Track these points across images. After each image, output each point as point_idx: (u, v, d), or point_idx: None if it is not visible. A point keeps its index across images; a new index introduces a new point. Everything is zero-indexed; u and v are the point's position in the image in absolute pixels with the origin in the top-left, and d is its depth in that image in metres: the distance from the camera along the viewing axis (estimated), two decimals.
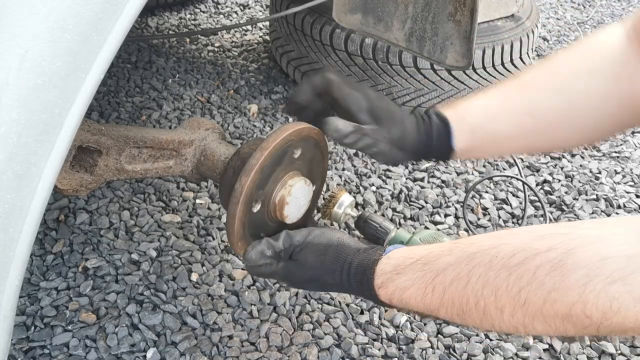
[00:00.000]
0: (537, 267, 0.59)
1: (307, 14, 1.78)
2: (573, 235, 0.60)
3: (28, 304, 1.17)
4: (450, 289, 0.67)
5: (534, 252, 0.60)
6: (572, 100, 0.90)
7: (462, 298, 0.65)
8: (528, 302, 0.59)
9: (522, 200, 1.52)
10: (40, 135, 0.54)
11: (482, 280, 0.63)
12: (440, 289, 0.68)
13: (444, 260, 0.69)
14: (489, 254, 0.64)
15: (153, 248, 1.31)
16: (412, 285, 0.71)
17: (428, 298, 0.70)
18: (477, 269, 0.64)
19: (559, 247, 0.59)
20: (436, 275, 0.69)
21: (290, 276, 0.84)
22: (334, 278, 0.81)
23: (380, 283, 0.76)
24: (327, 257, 0.81)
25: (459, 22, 1.13)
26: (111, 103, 1.84)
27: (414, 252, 0.75)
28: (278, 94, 1.97)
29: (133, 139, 0.98)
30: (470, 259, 0.66)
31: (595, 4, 2.99)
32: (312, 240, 0.84)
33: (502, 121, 0.92)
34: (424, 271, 0.71)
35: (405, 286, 0.72)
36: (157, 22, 2.43)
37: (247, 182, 0.85)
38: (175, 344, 1.12)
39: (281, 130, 0.89)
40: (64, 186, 0.91)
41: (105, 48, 0.57)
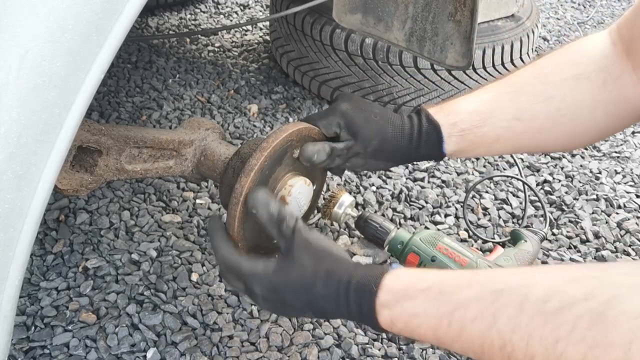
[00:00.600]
0: (577, 318, 0.55)
1: (307, 14, 1.78)
2: (608, 281, 0.57)
3: (28, 304, 1.17)
4: (472, 327, 0.62)
5: (570, 299, 0.57)
6: (560, 106, 0.91)
7: (485, 339, 0.61)
8: (565, 355, 0.56)
9: (522, 200, 1.52)
10: (40, 135, 0.54)
11: (512, 323, 0.59)
12: (459, 325, 0.63)
13: (464, 293, 0.64)
14: (519, 294, 0.60)
15: (153, 248, 1.31)
16: (425, 313, 0.66)
17: (442, 331, 0.65)
18: (505, 310, 0.60)
19: (596, 295, 0.55)
20: (455, 308, 0.64)
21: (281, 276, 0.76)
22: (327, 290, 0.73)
23: (385, 301, 0.69)
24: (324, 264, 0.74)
25: (459, 22, 1.13)
26: (111, 103, 1.84)
27: (426, 277, 0.70)
28: (278, 94, 1.97)
29: (133, 139, 0.98)
30: (496, 297, 0.61)
31: (595, 4, 2.99)
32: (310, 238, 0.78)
33: (491, 125, 0.92)
34: (439, 301, 0.66)
35: (415, 312, 0.67)
36: (157, 22, 2.43)
37: (247, 182, 0.85)
38: (176, 344, 1.12)
39: (281, 131, 0.90)
40: (64, 186, 0.92)
41: (105, 48, 0.57)
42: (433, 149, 0.93)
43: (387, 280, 0.70)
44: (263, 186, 0.86)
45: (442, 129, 0.92)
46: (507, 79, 0.96)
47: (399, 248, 1.25)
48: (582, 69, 0.91)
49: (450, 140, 0.92)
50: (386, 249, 1.29)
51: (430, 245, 1.22)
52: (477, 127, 0.92)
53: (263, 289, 0.77)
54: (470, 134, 0.93)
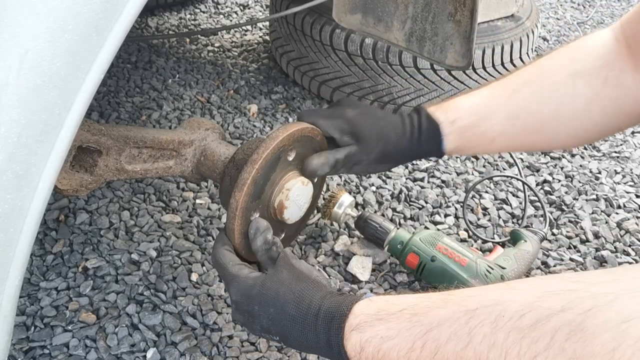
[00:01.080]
0: (554, 330, 0.54)
1: (307, 14, 1.78)
2: (585, 292, 0.55)
3: (28, 304, 1.17)
4: (446, 348, 0.60)
5: (547, 312, 0.55)
6: (558, 105, 0.91)
7: (461, 359, 0.59)
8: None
9: (522, 200, 1.52)
10: (40, 136, 0.54)
11: (488, 341, 0.57)
12: (433, 345, 0.61)
13: (437, 313, 0.63)
14: (493, 311, 0.59)
15: (153, 248, 1.31)
16: (397, 336, 0.64)
17: (415, 354, 0.62)
18: (481, 328, 0.59)
19: (573, 306, 0.54)
20: (428, 330, 0.62)
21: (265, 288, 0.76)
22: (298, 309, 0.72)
23: (355, 324, 0.67)
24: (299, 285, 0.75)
25: (459, 22, 1.13)
26: (111, 103, 1.84)
27: (399, 300, 0.68)
28: (278, 94, 1.97)
29: (133, 139, 0.98)
30: (470, 316, 0.60)
31: (595, 4, 2.99)
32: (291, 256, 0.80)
33: (490, 124, 0.93)
34: (412, 322, 0.64)
35: (387, 335, 0.64)
36: (157, 22, 2.43)
37: (241, 196, 0.86)
38: (175, 344, 1.12)
39: (271, 139, 0.89)
40: (64, 186, 0.92)
41: (105, 48, 0.57)
42: (433, 147, 0.94)
43: (359, 305, 0.69)
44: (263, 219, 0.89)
45: (441, 127, 0.92)
46: (507, 78, 0.96)
47: (399, 248, 1.25)
48: (582, 66, 0.90)
49: (449, 138, 0.93)
50: (386, 249, 1.29)
51: (430, 245, 1.22)
52: (475, 125, 0.92)
53: (238, 293, 0.77)
54: (468, 132, 0.93)
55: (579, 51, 0.93)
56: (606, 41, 0.92)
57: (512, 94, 0.93)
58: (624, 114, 0.91)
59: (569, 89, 0.90)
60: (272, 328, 0.74)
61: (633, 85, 0.88)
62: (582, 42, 0.95)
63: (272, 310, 0.74)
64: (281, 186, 0.95)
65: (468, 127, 0.92)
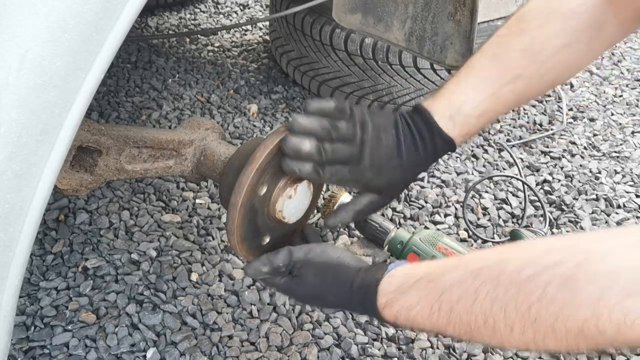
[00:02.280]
0: (547, 282, 0.58)
1: (307, 14, 1.78)
2: (579, 248, 0.59)
3: (28, 304, 1.17)
4: (458, 307, 0.65)
5: (542, 266, 0.59)
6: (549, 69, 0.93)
7: (470, 316, 0.64)
8: (539, 319, 0.58)
9: (522, 200, 1.52)
10: (40, 135, 0.54)
11: (491, 297, 0.62)
12: (447, 307, 0.67)
13: (448, 277, 0.68)
14: (496, 269, 0.63)
15: (153, 248, 1.31)
16: (418, 304, 0.70)
17: (435, 317, 0.68)
18: (485, 285, 0.63)
19: (567, 261, 0.58)
20: (442, 293, 0.68)
21: (291, 292, 0.84)
22: (337, 298, 0.80)
23: (384, 303, 0.74)
24: (327, 277, 0.81)
25: (458, 22, 1.13)
26: (111, 103, 1.84)
27: (416, 270, 0.74)
28: (278, 93, 1.97)
29: (133, 139, 0.98)
30: (476, 275, 0.65)
31: None
32: (311, 258, 0.83)
33: (494, 117, 0.95)
34: (428, 289, 0.70)
35: (410, 305, 0.71)
36: (157, 22, 2.43)
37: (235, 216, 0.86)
38: (175, 343, 1.12)
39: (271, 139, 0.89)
40: (64, 186, 0.91)
41: (105, 48, 0.57)
42: (444, 153, 0.96)
43: (383, 285, 0.75)
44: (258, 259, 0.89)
45: (455, 141, 0.93)
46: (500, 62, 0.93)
47: (399, 248, 1.25)
48: (570, 37, 0.91)
49: (459, 140, 0.95)
50: (386, 248, 1.29)
51: (430, 245, 1.22)
52: (482, 125, 0.95)
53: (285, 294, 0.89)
54: (474, 133, 0.97)
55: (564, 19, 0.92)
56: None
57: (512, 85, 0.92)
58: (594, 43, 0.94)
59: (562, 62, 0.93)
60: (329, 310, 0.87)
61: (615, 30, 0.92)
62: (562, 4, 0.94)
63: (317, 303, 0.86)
64: (280, 186, 0.95)
65: (475, 130, 0.95)
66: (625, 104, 2.07)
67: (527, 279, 0.59)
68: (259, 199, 0.92)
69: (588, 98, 2.11)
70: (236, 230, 0.89)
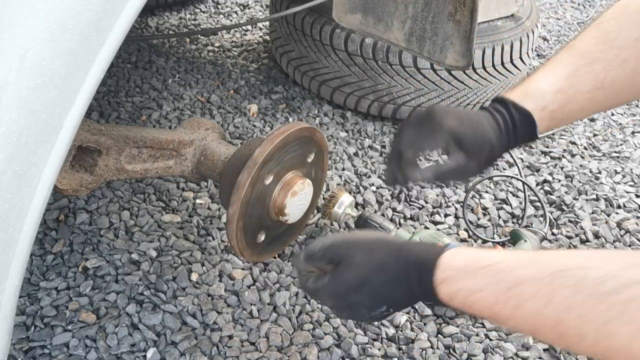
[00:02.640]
0: (629, 300, 0.56)
1: (307, 14, 1.78)
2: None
3: (28, 304, 1.17)
4: (527, 305, 0.64)
5: (626, 282, 0.57)
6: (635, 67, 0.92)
7: (540, 316, 0.63)
8: (615, 336, 0.57)
9: (522, 200, 1.52)
10: (40, 135, 0.54)
11: (567, 303, 0.60)
12: (515, 301, 0.65)
13: (522, 272, 0.66)
14: (576, 275, 0.61)
15: (153, 248, 1.31)
16: (482, 290, 0.68)
17: (498, 307, 0.67)
18: (562, 289, 0.61)
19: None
20: (513, 286, 0.66)
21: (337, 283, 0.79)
22: (387, 273, 0.76)
23: (444, 278, 0.72)
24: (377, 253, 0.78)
25: (458, 22, 1.13)
26: (111, 103, 1.84)
27: (484, 256, 0.71)
28: (278, 94, 1.97)
29: (133, 139, 0.98)
30: (553, 277, 0.63)
31: (595, 4, 2.99)
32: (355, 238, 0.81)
33: (576, 100, 0.94)
34: (497, 278, 0.67)
35: (473, 289, 0.69)
36: (157, 22, 2.43)
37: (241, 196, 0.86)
38: (175, 343, 1.12)
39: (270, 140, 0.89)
40: (64, 186, 0.92)
41: (105, 48, 0.57)
42: (527, 136, 0.96)
43: (445, 259, 0.72)
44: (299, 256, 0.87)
45: (534, 115, 0.93)
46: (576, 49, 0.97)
47: None
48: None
49: (542, 123, 0.95)
50: None
51: None
52: (563, 105, 0.94)
53: (330, 299, 0.81)
54: (558, 113, 0.95)
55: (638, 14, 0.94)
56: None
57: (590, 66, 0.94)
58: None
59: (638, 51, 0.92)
60: (376, 301, 0.78)
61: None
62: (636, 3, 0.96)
63: (365, 291, 0.77)
64: (281, 185, 0.95)
65: (557, 109, 0.95)
66: (626, 103, 2.07)
67: (608, 292, 0.58)
68: (259, 197, 0.92)
69: None
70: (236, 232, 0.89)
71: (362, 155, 1.71)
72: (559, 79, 0.94)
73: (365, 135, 1.80)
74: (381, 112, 1.82)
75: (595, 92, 0.94)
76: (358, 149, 1.73)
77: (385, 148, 1.74)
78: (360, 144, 1.75)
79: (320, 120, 1.85)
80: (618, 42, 0.93)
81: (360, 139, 1.77)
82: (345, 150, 1.71)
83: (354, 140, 1.77)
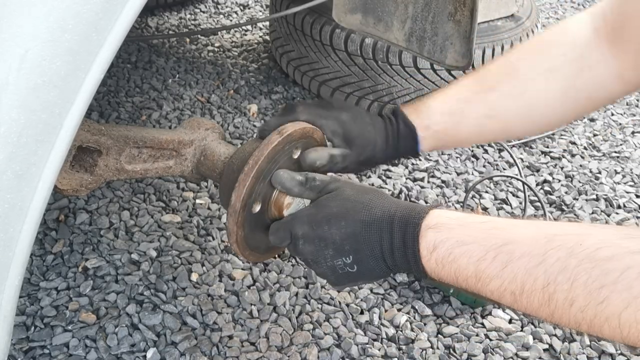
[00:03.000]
0: (626, 267, 0.54)
1: (307, 14, 1.78)
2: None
3: (28, 304, 1.17)
4: (517, 263, 0.61)
5: (623, 250, 0.56)
6: (531, 101, 0.92)
7: (529, 276, 0.60)
8: (607, 302, 0.55)
9: (522, 200, 1.52)
10: (40, 135, 0.54)
11: (560, 264, 0.58)
12: (504, 258, 0.62)
13: (517, 231, 0.63)
14: (573, 239, 0.59)
15: (153, 248, 1.31)
16: (472, 243, 0.64)
17: (484, 264, 0.63)
18: (556, 251, 0.59)
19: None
20: (506, 243, 0.62)
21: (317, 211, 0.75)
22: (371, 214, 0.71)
23: (434, 223, 0.67)
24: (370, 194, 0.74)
25: (459, 22, 1.13)
26: (111, 103, 1.84)
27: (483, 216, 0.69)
28: (278, 94, 1.97)
29: (133, 139, 0.98)
30: (550, 239, 0.60)
31: (595, 4, 2.99)
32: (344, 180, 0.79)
33: (463, 125, 0.94)
34: (491, 234, 0.64)
35: (462, 240, 0.65)
36: (157, 22, 2.43)
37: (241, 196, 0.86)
38: (175, 344, 1.12)
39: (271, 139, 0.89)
40: (64, 186, 0.91)
41: (105, 48, 0.57)
42: (409, 150, 0.96)
43: (438, 210, 0.69)
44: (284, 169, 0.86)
45: (417, 131, 0.94)
46: (478, 75, 0.97)
47: None
48: (555, 62, 0.90)
49: (425, 141, 0.95)
50: None
51: None
52: (449, 128, 0.95)
53: (302, 225, 0.76)
54: (442, 134, 0.95)
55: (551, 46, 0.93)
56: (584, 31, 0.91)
57: (484, 94, 0.94)
58: (598, 101, 0.93)
59: (542, 86, 0.91)
60: (345, 243, 0.73)
61: (610, 74, 0.89)
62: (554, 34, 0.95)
63: (343, 222, 0.72)
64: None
65: (442, 131, 0.95)
66: (625, 104, 2.07)
67: (605, 259, 0.56)
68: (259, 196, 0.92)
69: None
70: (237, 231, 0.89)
71: None
72: (451, 101, 0.94)
73: None
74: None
75: (484, 119, 0.93)
76: None
77: None
78: None
79: None
80: (521, 73, 0.92)
81: None
82: None
83: None
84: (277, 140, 0.89)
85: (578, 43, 0.90)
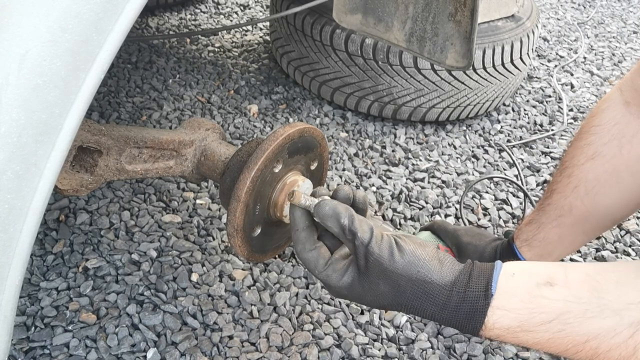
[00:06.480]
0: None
1: (307, 15, 1.78)
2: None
3: (28, 304, 1.17)
4: (607, 356, 0.60)
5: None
6: (588, 190, 0.97)
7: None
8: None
9: (523, 201, 1.52)
10: (40, 136, 0.54)
11: None
12: (591, 353, 0.61)
13: (595, 324, 0.61)
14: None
15: (153, 248, 1.31)
16: (546, 343, 0.63)
17: (569, 353, 0.62)
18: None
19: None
20: (587, 340, 0.61)
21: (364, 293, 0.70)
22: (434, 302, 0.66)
23: (495, 336, 0.65)
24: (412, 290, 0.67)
25: (459, 22, 1.13)
26: (111, 103, 1.84)
27: (543, 303, 0.62)
28: (278, 94, 1.97)
29: (133, 139, 0.98)
30: (634, 330, 0.59)
31: (595, 4, 2.99)
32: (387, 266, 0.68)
33: (546, 229, 1.05)
34: (566, 332, 0.61)
35: (537, 342, 0.63)
36: (157, 23, 2.43)
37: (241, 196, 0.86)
38: (176, 344, 1.12)
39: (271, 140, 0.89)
40: (64, 186, 0.92)
41: (105, 48, 0.57)
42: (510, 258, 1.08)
43: (493, 318, 0.63)
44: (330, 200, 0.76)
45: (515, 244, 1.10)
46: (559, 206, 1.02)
47: None
48: (594, 149, 0.95)
49: (522, 250, 1.10)
50: None
51: None
52: (536, 234, 1.07)
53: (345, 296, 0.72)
54: (534, 241, 1.08)
55: (588, 135, 0.97)
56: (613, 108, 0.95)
57: (551, 197, 1.04)
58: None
59: (589, 173, 0.96)
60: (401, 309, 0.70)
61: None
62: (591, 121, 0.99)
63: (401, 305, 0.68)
64: (281, 185, 0.95)
65: (532, 239, 1.08)
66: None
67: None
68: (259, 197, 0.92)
69: (588, 99, 2.11)
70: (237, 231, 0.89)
71: (363, 155, 1.71)
72: (533, 212, 1.07)
73: (365, 136, 1.80)
74: (381, 113, 1.82)
75: (560, 219, 1.00)
76: (358, 150, 1.73)
77: (385, 148, 1.74)
78: (360, 144, 1.75)
79: (321, 120, 1.85)
80: (569, 169, 0.99)
81: (360, 140, 1.77)
82: (345, 151, 1.71)
83: (354, 140, 1.77)
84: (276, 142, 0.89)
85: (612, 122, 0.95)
